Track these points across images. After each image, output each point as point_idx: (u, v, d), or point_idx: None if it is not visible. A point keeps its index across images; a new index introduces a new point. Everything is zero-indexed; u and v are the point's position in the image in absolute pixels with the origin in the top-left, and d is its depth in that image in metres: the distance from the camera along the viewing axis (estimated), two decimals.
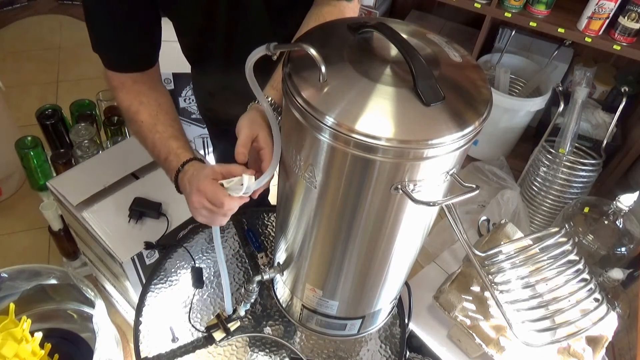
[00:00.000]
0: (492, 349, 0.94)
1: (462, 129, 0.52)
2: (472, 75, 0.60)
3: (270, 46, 0.57)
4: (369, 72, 0.55)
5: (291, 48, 0.57)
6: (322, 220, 0.64)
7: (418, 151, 0.51)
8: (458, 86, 0.57)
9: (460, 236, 0.73)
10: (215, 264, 1.02)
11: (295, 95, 0.54)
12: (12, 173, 1.94)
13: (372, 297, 0.77)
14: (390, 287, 0.77)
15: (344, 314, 0.78)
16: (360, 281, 0.72)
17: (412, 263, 0.76)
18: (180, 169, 0.75)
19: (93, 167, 1.23)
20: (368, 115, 0.51)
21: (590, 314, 0.93)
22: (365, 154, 0.51)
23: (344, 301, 0.75)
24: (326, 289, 0.74)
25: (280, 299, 0.87)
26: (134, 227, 1.12)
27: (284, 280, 0.81)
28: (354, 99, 0.52)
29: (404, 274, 0.78)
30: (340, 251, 0.66)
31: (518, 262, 0.94)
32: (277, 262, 0.82)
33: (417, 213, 0.62)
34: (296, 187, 0.64)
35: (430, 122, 0.52)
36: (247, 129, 0.67)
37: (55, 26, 2.90)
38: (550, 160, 1.81)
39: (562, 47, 2.07)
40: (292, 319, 0.85)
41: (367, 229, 0.62)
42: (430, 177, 0.55)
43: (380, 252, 0.66)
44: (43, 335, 1.12)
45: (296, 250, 0.72)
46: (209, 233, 1.08)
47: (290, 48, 0.57)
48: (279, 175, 0.71)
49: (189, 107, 1.85)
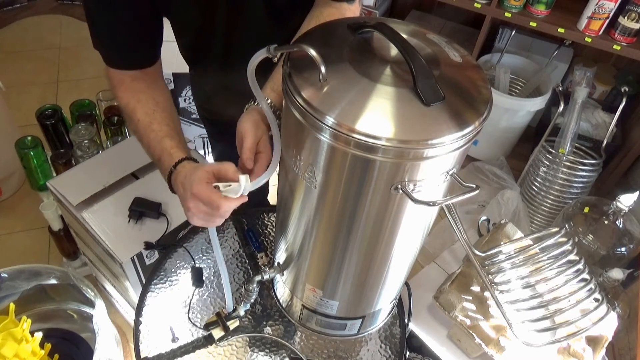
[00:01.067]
0: (492, 349, 0.94)
1: (462, 128, 0.52)
2: (472, 75, 0.60)
3: (271, 48, 0.57)
4: (369, 72, 0.55)
5: (291, 49, 0.57)
6: (322, 220, 0.64)
7: (418, 151, 0.51)
8: (458, 86, 0.57)
9: (460, 236, 0.73)
10: (215, 264, 1.02)
11: (296, 95, 0.53)
12: (12, 173, 1.94)
13: (372, 297, 0.77)
14: (390, 287, 0.77)
15: (344, 314, 0.78)
16: (360, 281, 0.72)
17: (412, 263, 0.76)
18: (173, 170, 0.74)
19: (93, 167, 1.23)
20: (368, 115, 0.51)
21: (590, 314, 0.93)
22: (365, 154, 0.51)
23: (344, 301, 0.75)
24: (326, 289, 0.74)
25: (280, 299, 0.87)
26: (133, 227, 1.12)
27: (284, 280, 0.81)
28: (354, 99, 0.52)
29: (404, 274, 0.78)
30: (340, 251, 0.66)
31: (518, 262, 0.94)
32: (277, 262, 0.82)
33: (417, 213, 0.62)
34: (296, 187, 0.64)
35: (431, 122, 0.52)
36: (252, 132, 0.67)
37: (55, 26, 2.90)
38: (550, 160, 1.81)
39: (562, 47, 2.07)
40: (292, 319, 0.85)
41: (367, 229, 0.62)
42: (430, 177, 0.55)
43: (380, 252, 0.66)
44: (43, 335, 1.12)
45: (296, 250, 0.72)
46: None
47: (291, 49, 0.57)
48: (279, 175, 0.71)
49: (189, 107, 1.85)
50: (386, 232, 0.63)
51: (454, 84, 0.57)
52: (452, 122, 0.52)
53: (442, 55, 0.60)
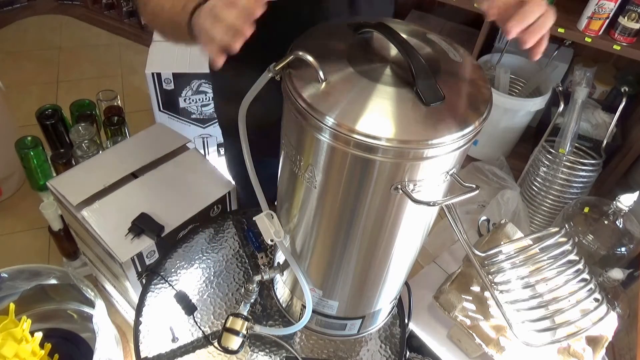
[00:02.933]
0: (492, 349, 0.94)
1: (462, 128, 0.52)
2: (472, 75, 0.60)
3: (271, 67, 0.57)
4: (369, 72, 0.55)
5: (289, 59, 0.57)
6: (322, 220, 0.64)
7: (418, 151, 0.51)
8: (458, 86, 0.57)
9: (460, 236, 0.73)
10: (215, 264, 1.02)
11: (295, 95, 0.53)
12: (12, 173, 1.94)
13: (372, 297, 0.77)
14: (390, 287, 0.77)
15: (343, 314, 0.78)
16: (360, 281, 0.72)
17: (412, 263, 0.76)
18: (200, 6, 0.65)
19: (93, 167, 1.23)
20: (368, 116, 0.51)
21: (590, 314, 0.93)
22: (365, 154, 0.51)
23: (343, 301, 0.75)
24: (326, 288, 0.74)
25: (280, 299, 0.87)
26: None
27: (284, 280, 0.81)
28: (354, 99, 0.52)
29: (404, 274, 0.78)
30: (340, 251, 0.66)
31: (518, 262, 0.94)
32: (277, 262, 0.82)
33: (417, 213, 0.62)
34: (296, 187, 0.64)
35: (431, 122, 0.52)
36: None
37: (55, 26, 2.90)
38: (550, 160, 1.81)
39: (562, 47, 2.07)
40: (292, 319, 0.85)
41: (366, 229, 0.62)
42: (430, 177, 0.55)
43: (380, 252, 0.66)
44: (43, 335, 1.12)
45: (296, 250, 0.72)
46: (209, 233, 1.08)
47: (288, 59, 0.57)
48: (280, 175, 0.71)
49: (188, 107, 1.85)
50: (386, 232, 0.63)
51: (454, 84, 0.57)
52: (452, 122, 0.52)
53: (442, 55, 0.60)
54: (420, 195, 0.56)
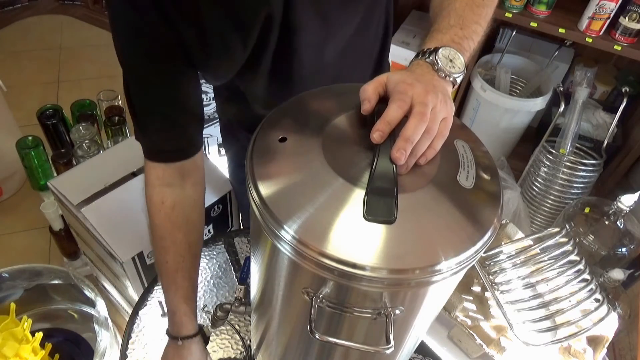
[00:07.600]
0: (492, 349, 0.94)
1: (459, 253, 0.43)
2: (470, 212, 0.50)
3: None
4: (347, 169, 0.45)
5: (259, 140, 0.48)
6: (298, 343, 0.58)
7: (413, 280, 0.43)
8: (460, 198, 0.49)
9: None
10: (207, 269, 1.02)
11: (252, 187, 0.44)
12: (13, 173, 1.94)
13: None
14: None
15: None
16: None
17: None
18: (180, 340, 0.79)
19: (94, 167, 1.23)
20: (339, 231, 0.41)
21: (591, 314, 0.93)
22: (342, 281, 0.42)
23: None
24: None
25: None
26: (134, 226, 1.12)
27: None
28: (323, 206, 0.43)
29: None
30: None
31: (519, 263, 0.94)
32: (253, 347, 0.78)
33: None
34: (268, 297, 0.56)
35: (422, 245, 0.43)
36: None
37: (56, 26, 2.90)
38: (550, 160, 1.81)
39: (562, 47, 2.07)
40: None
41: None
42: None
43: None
44: (44, 335, 1.12)
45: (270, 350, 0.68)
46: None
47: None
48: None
49: None
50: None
51: (451, 198, 0.48)
52: (449, 244, 0.44)
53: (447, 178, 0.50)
54: None
